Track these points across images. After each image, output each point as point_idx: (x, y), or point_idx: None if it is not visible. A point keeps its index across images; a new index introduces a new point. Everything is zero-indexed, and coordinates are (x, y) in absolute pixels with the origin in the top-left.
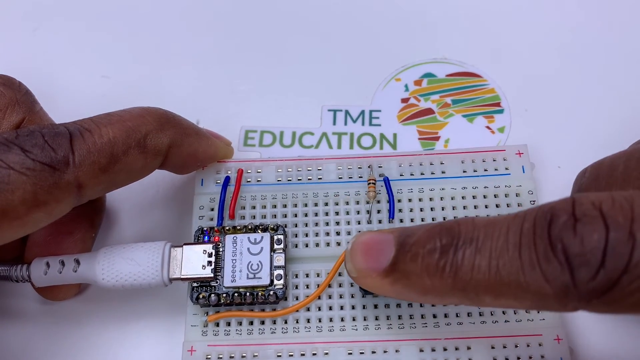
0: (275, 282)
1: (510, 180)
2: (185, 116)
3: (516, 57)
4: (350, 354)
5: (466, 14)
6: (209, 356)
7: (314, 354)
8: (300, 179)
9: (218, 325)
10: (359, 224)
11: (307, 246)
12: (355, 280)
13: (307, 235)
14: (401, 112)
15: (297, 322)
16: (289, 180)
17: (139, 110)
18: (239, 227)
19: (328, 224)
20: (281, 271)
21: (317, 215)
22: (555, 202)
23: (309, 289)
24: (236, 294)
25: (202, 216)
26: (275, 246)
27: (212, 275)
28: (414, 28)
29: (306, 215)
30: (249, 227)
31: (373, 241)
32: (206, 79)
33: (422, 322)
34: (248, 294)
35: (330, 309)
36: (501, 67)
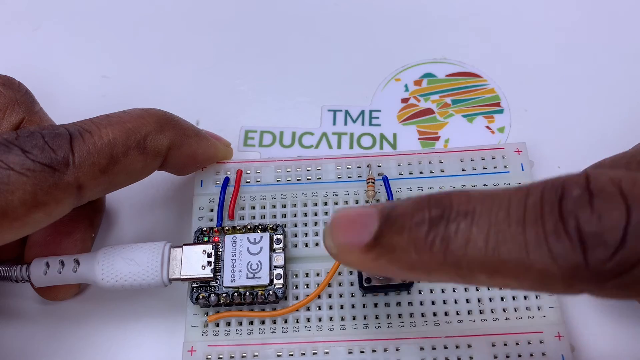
0: (275, 281)
1: (510, 178)
2: (185, 116)
3: (516, 57)
4: (350, 352)
5: (466, 14)
6: (209, 356)
7: (314, 353)
8: (300, 179)
9: (218, 325)
10: None
11: (307, 246)
12: (336, 257)
13: (306, 235)
14: (401, 112)
15: (297, 322)
16: (288, 181)
17: (139, 112)
18: (238, 227)
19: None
20: (281, 271)
21: (316, 214)
22: (565, 176)
23: (309, 288)
24: (236, 294)
25: (201, 217)
26: (275, 246)
27: (211, 275)
28: (414, 28)
29: (305, 215)
30: (249, 227)
31: (355, 214)
32: (206, 79)
33: (422, 321)
34: (248, 293)
35: (330, 308)
36: (501, 67)
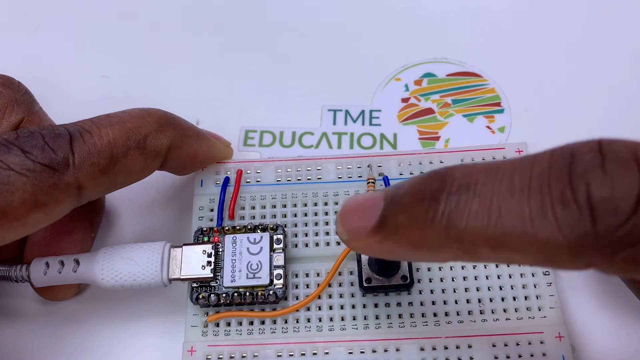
0: (275, 281)
1: None
2: (185, 116)
3: (516, 57)
4: (350, 353)
5: (466, 14)
6: (209, 356)
7: (315, 354)
8: (300, 179)
9: (218, 325)
10: None
11: (307, 246)
12: (347, 243)
13: (306, 235)
14: (401, 112)
15: (297, 322)
16: (288, 181)
17: (139, 112)
18: (238, 227)
19: (327, 224)
20: (281, 271)
21: (316, 214)
22: (575, 142)
23: (309, 288)
24: (236, 294)
25: (201, 217)
26: (275, 246)
27: (211, 275)
28: (414, 28)
29: (306, 215)
30: (249, 227)
31: (363, 200)
32: (206, 79)
33: (422, 321)
34: (248, 293)
35: (331, 308)
36: (501, 67)
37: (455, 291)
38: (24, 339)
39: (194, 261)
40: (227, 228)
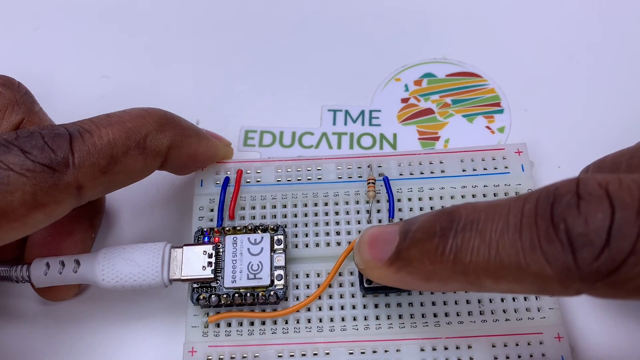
0: (276, 282)
1: (510, 179)
2: (185, 116)
3: (516, 57)
4: (351, 353)
5: (466, 14)
6: (210, 357)
7: (315, 354)
8: (300, 179)
9: (219, 326)
10: (359, 223)
11: (307, 246)
12: (363, 272)
13: (307, 236)
14: (401, 112)
15: (298, 322)
16: (288, 181)
17: (139, 111)
18: (238, 228)
19: (328, 224)
20: (281, 271)
21: (317, 215)
22: (559, 182)
23: (310, 289)
24: (237, 295)
25: (202, 217)
26: (276, 246)
27: (212, 276)
28: (414, 28)
29: (306, 215)
30: (249, 227)
31: (379, 233)
32: (206, 79)
33: (422, 322)
34: (248, 294)
35: (331, 308)
36: (501, 67)
37: (455, 292)
38: (25, 339)
39: (194, 262)
40: (227, 228)
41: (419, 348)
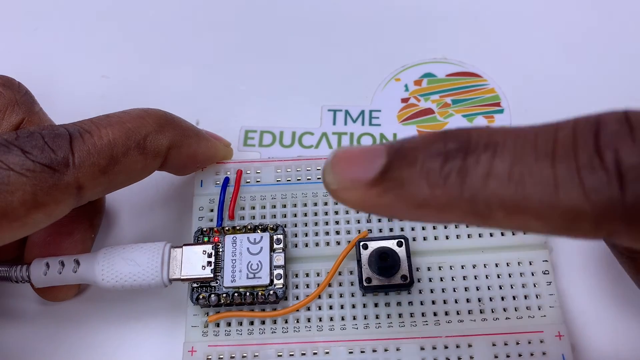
0: (275, 281)
1: None
2: (185, 116)
3: (516, 57)
4: (351, 352)
5: (466, 14)
6: (210, 356)
7: (315, 353)
8: (300, 179)
9: (218, 325)
10: (359, 223)
11: (307, 246)
12: (334, 193)
13: (306, 235)
14: (401, 112)
15: (298, 322)
16: (288, 181)
17: (139, 112)
18: (238, 228)
19: (327, 224)
20: (281, 271)
21: (316, 214)
22: (599, 113)
23: (309, 288)
24: (236, 294)
25: (201, 217)
26: (275, 246)
27: (212, 275)
28: (414, 28)
29: (306, 215)
30: (249, 227)
31: (359, 149)
32: (206, 79)
33: (422, 320)
34: (248, 294)
35: (331, 308)
36: (501, 67)
37: (455, 290)
38: (24, 340)
39: (194, 261)
40: (227, 228)
41: (419, 347)
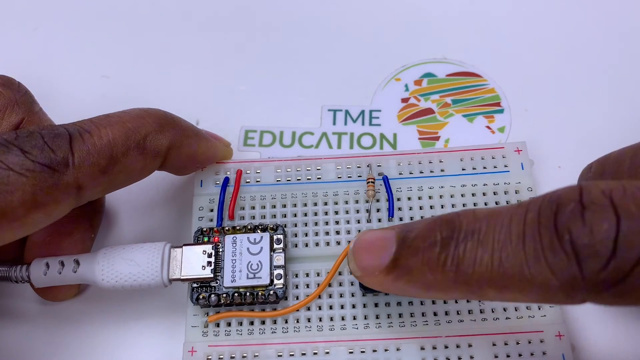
0: (275, 281)
1: (510, 177)
2: (185, 116)
3: (516, 57)
4: (351, 352)
5: (466, 14)
6: (210, 356)
7: (315, 353)
8: (300, 179)
9: (218, 325)
10: (359, 222)
11: (307, 246)
12: (359, 279)
13: (306, 235)
14: (401, 112)
15: (298, 322)
16: (288, 180)
17: (139, 112)
18: (238, 228)
19: (327, 224)
20: (281, 271)
21: (316, 214)
22: (560, 189)
23: (309, 288)
24: (236, 294)
25: (201, 217)
26: (275, 246)
27: (212, 275)
28: (414, 28)
29: (305, 214)
30: (249, 227)
31: (375, 239)
32: (206, 79)
33: (422, 320)
34: (248, 294)
35: (331, 308)
36: (501, 67)
37: (456, 300)
38: (24, 340)
39: (194, 261)
40: (227, 228)
41: (419, 347)
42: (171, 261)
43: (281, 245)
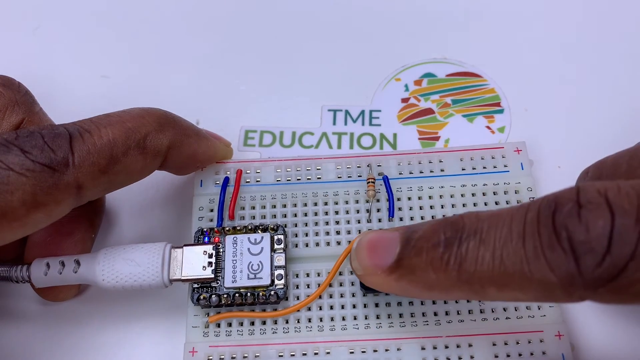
0: (276, 282)
1: (509, 177)
2: (185, 116)
3: (516, 57)
4: (352, 352)
5: (466, 14)
6: (211, 357)
7: (316, 354)
8: (300, 179)
9: (219, 326)
10: (359, 222)
11: (307, 246)
12: (361, 278)
13: (307, 235)
14: (401, 112)
15: (299, 322)
16: (288, 180)
17: (139, 111)
18: (238, 228)
19: (328, 224)
20: (282, 271)
21: (316, 214)
22: (559, 191)
23: (310, 288)
24: (237, 295)
25: (201, 217)
26: (276, 246)
27: (212, 276)
28: (414, 28)
29: (306, 215)
30: (249, 227)
31: (378, 239)
32: (206, 79)
33: (423, 320)
34: (249, 294)
35: (332, 308)
36: (501, 67)
37: (457, 301)
38: (25, 340)
39: (194, 262)
40: (227, 228)
41: (419, 347)
42: (172, 261)
43: (282, 246)
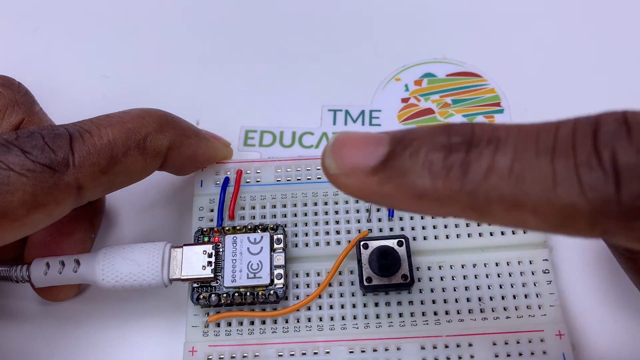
0: (276, 281)
1: None
2: (185, 116)
3: (516, 57)
4: (351, 352)
5: (466, 14)
6: (210, 356)
7: (315, 353)
8: (300, 179)
9: (219, 325)
10: (359, 222)
11: (307, 245)
12: (333, 179)
13: (306, 235)
14: (401, 112)
15: (298, 322)
16: (288, 180)
17: (139, 112)
18: (238, 228)
19: (328, 223)
20: (281, 270)
21: (316, 214)
22: (599, 113)
23: (310, 288)
24: (237, 294)
25: (201, 217)
26: (275, 246)
27: (212, 275)
28: (414, 28)
29: (306, 214)
30: (249, 227)
31: (362, 135)
32: (206, 79)
33: (423, 320)
34: (248, 293)
35: (331, 307)
36: (501, 67)
37: (455, 290)
38: (24, 340)
39: (194, 261)
40: (227, 228)
41: (419, 346)
42: (171, 261)
43: (281, 245)
